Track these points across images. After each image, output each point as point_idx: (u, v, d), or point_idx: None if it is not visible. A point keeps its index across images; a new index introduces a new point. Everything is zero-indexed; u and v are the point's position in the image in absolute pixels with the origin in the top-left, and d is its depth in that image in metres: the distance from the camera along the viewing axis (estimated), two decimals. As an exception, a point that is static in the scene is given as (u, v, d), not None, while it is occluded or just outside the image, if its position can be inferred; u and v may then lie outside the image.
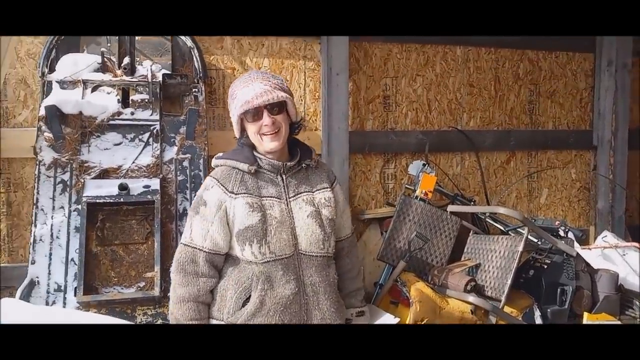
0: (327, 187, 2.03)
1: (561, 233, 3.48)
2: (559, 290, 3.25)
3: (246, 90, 1.85)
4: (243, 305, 1.85)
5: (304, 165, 2.01)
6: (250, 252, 1.84)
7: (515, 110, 4.56)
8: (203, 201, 1.88)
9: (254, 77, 1.89)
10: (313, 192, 2.00)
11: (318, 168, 2.06)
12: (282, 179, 1.95)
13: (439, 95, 4.34)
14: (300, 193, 1.96)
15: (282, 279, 1.86)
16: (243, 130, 1.94)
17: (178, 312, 1.87)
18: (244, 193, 1.87)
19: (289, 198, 1.93)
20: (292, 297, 1.87)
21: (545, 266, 3.37)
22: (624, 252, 3.67)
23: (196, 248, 1.88)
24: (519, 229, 3.69)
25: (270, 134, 1.87)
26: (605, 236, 3.94)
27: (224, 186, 1.87)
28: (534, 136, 4.57)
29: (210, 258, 1.88)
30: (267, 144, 1.88)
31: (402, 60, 4.23)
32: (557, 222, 3.44)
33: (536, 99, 4.62)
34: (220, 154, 2.04)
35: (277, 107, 1.88)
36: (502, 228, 3.88)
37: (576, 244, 3.57)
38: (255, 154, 1.94)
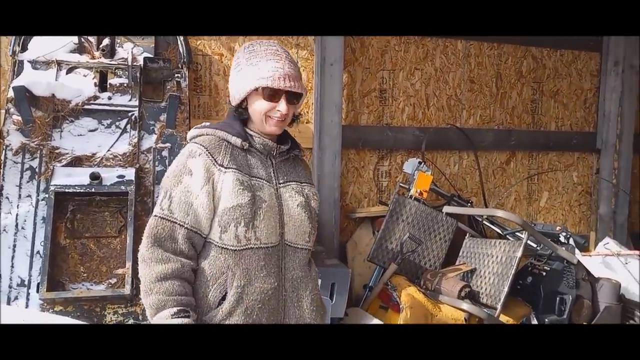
0: (311, 182, 1.85)
1: (562, 239, 3.30)
2: (558, 299, 3.08)
3: (274, 65, 1.64)
4: (219, 304, 1.65)
5: (292, 155, 1.82)
6: (233, 236, 1.61)
7: (517, 109, 4.37)
8: (188, 169, 1.62)
9: (282, 53, 1.69)
10: (302, 183, 1.82)
11: (302, 161, 1.89)
12: (272, 163, 1.75)
13: (438, 91, 4.15)
14: (290, 181, 1.78)
15: (262, 270, 1.64)
16: (243, 100, 1.73)
17: (160, 289, 1.56)
18: (235, 168, 1.64)
19: (279, 184, 1.75)
20: (271, 292, 1.66)
21: (544, 273, 3.20)
22: (626, 261, 3.49)
23: (176, 223, 1.60)
24: (517, 233, 3.52)
25: (277, 120, 1.69)
26: (607, 243, 3.77)
27: (212, 156, 1.63)
28: (536, 136, 4.39)
29: (191, 236, 1.62)
30: (268, 127, 1.69)
31: (401, 53, 4.04)
32: (558, 228, 3.26)
33: (539, 97, 4.43)
34: (205, 124, 1.81)
35: (294, 98, 1.70)
36: (499, 231, 3.71)
37: (577, 251, 3.40)
38: (247, 130, 1.74)
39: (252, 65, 1.67)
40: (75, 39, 2.97)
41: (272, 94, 1.66)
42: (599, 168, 4.50)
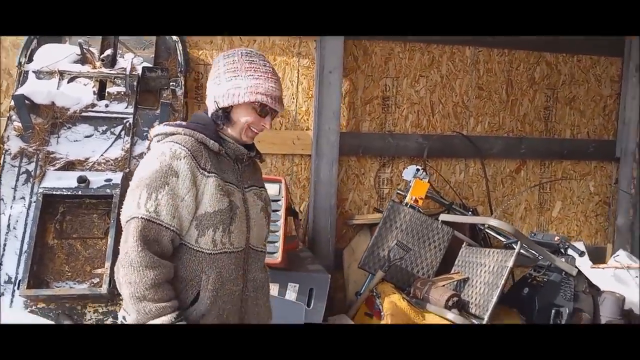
0: (264, 187, 1.88)
1: (562, 250, 3.15)
2: (553, 311, 2.93)
3: (272, 85, 1.71)
4: (191, 305, 1.68)
5: (254, 159, 1.86)
6: (210, 240, 1.64)
7: (529, 116, 4.23)
8: (173, 171, 1.62)
9: (268, 69, 1.73)
10: (260, 188, 1.86)
11: (258, 165, 1.93)
12: (239, 167, 1.80)
13: (444, 98, 4.08)
14: (252, 186, 1.83)
15: (232, 273, 1.69)
16: (229, 106, 1.73)
17: (155, 296, 1.59)
18: (215, 173, 1.68)
19: (245, 188, 1.79)
20: (237, 294, 1.71)
21: (542, 285, 3.06)
22: (636, 274, 3.29)
23: (162, 225, 1.60)
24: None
25: (256, 133, 1.75)
26: (618, 255, 3.56)
27: (196, 160, 1.65)
28: (549, 144, 4.22)
29: (174, 238, 1.64)
30: (245, 136, 1.75)
31: (405, 60, 4.01)
32: (556, 238, 3.12)
33: (553, 104, 4.27)
34: (179, 122, 1.81)
35: (274, 114, 1.78)
36: (503, 240, 3.59)
37: (585, 262, 3.24)
38: (220, 134, 1.78)
39: (250, 77, 1.70)
40: (77, 50, 3.14)
41: (263, 110, 1.71)
42: (618, 178, 4.27)
